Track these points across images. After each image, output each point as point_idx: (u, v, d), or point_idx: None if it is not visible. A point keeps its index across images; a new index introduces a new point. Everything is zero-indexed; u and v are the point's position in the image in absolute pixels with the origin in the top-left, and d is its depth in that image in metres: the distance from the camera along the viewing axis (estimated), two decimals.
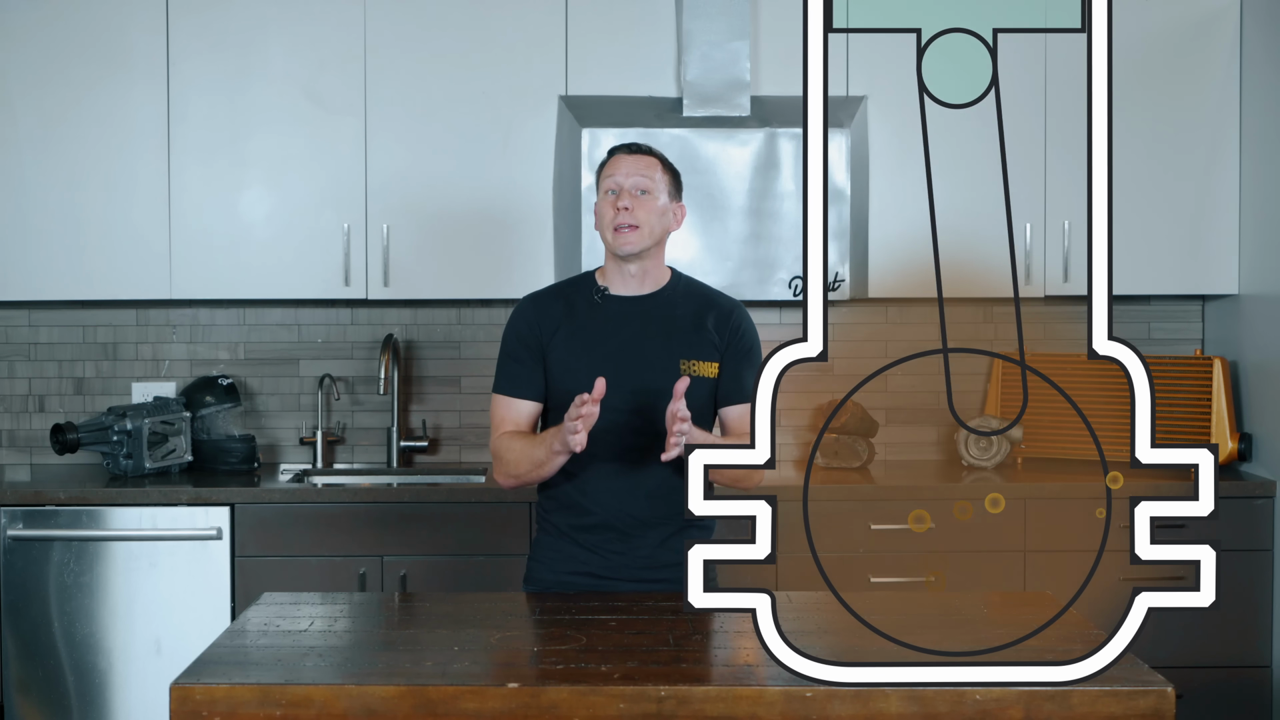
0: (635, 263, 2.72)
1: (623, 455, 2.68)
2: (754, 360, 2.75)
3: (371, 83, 4.11)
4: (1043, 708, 1.98)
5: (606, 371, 2.59)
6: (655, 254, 2.74)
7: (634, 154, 2.72)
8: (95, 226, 4.08)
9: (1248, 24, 4.15)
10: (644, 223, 2.67)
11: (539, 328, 2.74)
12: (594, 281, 2.78)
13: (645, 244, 2.68)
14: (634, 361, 2.69)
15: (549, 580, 2.77)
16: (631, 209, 2.66)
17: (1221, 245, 4.20)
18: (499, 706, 2.00)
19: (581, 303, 2.75)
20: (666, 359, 2.69)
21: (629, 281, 2.74)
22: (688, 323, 2.73)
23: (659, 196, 2.70)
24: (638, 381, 2.67)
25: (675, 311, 2.74)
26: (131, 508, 3.83)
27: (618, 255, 2.71)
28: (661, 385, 2.63)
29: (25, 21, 4.07)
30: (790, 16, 4.19)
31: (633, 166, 2.69)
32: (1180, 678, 2.40)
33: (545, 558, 2.80)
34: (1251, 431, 4.14)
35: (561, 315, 2.74)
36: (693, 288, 2.80)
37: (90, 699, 3.82)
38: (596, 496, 2.72)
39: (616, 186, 2.69)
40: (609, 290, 2.75)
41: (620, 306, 2.74)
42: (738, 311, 2.78)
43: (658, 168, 2.72)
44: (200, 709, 2.01)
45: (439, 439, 4.47)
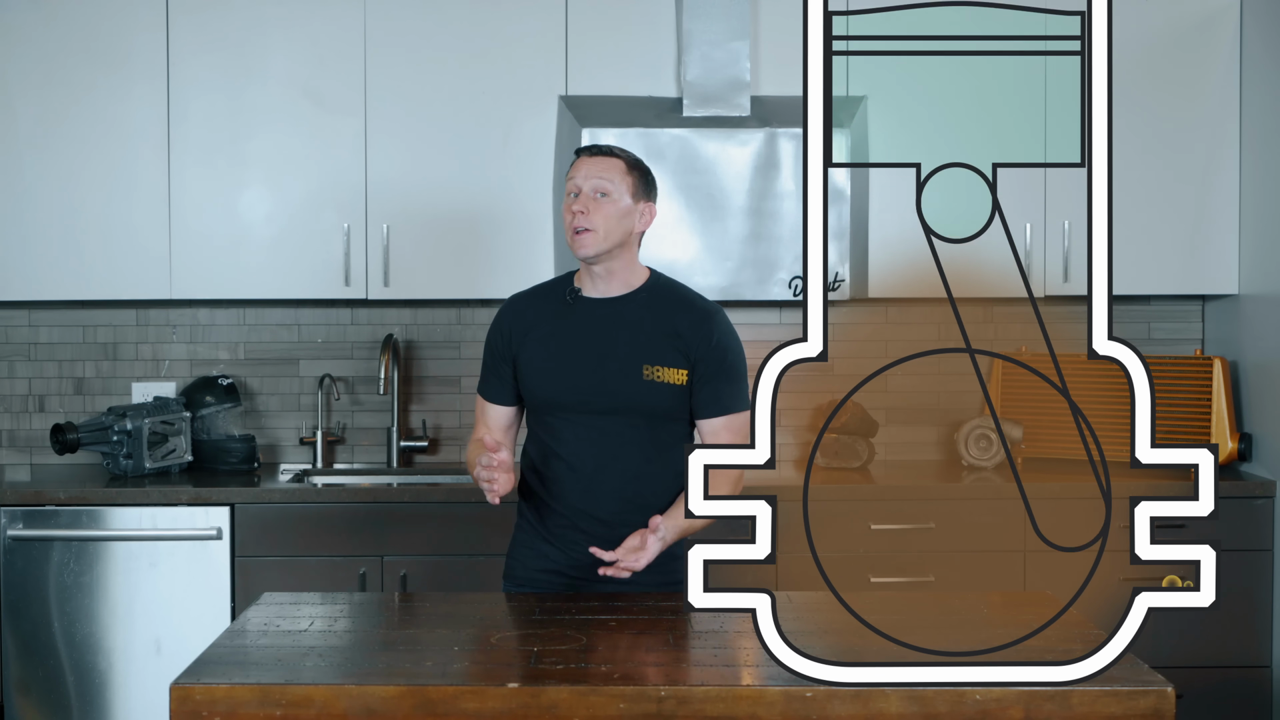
0: (599, 264, 2.71)
1: (586, 456, 2.71)
2: (729, 369, 2.70)
3: (371, 83, 4.11)
4: (1043, 708, 1.98)
5: (573, 373, 2.68)
6: (620, 255, 2.71)
7: (595, 156, 2.71)
8: (95, 226, 4.08)
9: (1248, 24, 4.15)
10: (599, 226, 2.65)
11: (511, 332, 2.78)
12: (571, 283, 2.79)
13: (602, 247, 2.66)
14: (599, 364, 2.69)
15: (521, 576, 2.81)
16: (587, 212, 2.65)
17: (1221, 245, 4.20)
18: (499, 706, 2.00)
19: (556, 304, 2.76)
20: (630, 364, 2.68)
21: (598, 283, 2.74)
22: (656, 327, 2.70)
23: (620, 199, 2.67)
24: (601, 385, 2.68)
25: (644, 315, 2.71)
26: (131, 508, 3.83)
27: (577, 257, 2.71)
28: (625, 390, 2.67)
29: (25, 21, 4.06)
30: (790, 16, 4.17)
31: (592, 169, 2.68)
32: (1180, 678, 2.40)
33: (518, 553, 2.84)
34: (1251, 431, 4.14)
35: (535, 317, 2.76)
36: (670, 291, 2.76)
37: (90, 699, 3.82)
38: (560, 495, 2.74)
39: (576, 189, 2.69)
40: (581, 292, 2.76)
41: (589, 309, 2.73)
42: (714, 318, 2.71)
43: (619, 169, 2.69)
44: (200, 709, 2.01)
45: (439, 439, 4.47)
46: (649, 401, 2.67)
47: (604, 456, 2.69)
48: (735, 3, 4.02)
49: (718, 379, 2.69)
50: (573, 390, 2.69)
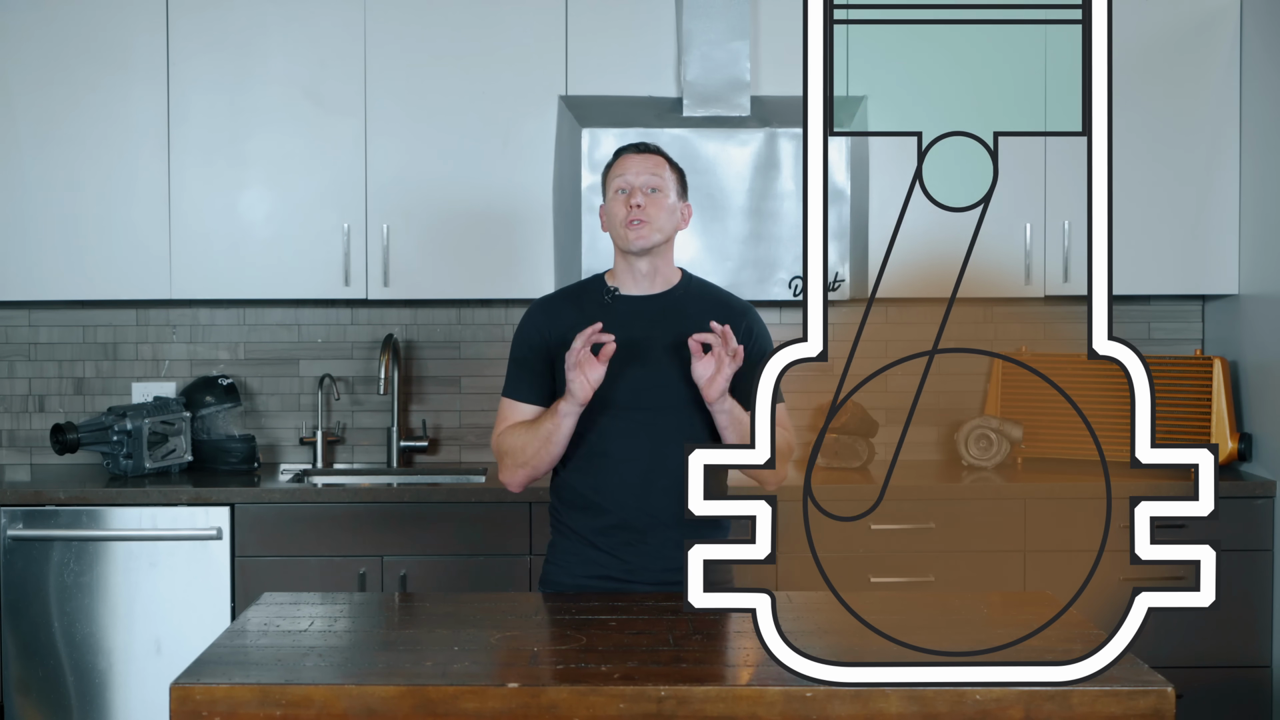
0: (646, 260, 2.73)
1: (637, 454, 2.69)
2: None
3: (371, 83, 4.11)
4: (1043, 708, 1.98)
5: (620, 370, 2.64)
6: (665, 252, 2.75)
7: (642, 153, 2.75)
8: (95, 227, 4.08)
9: (1248, 24, 4.15)
10: (654, 219, 2.69)
11: (547, 331, 2.75)
12: (603, 283, 2.79)
13: (656, 240, 2.70)
14: (645, 360, 2.70)
15: (566, 584, 2.75)
16: (644, 205, 2.68)
17: (1221, 245, 4.20)
18: (499, 706, 2.00)
19: (591, 304, 2.75)
20: (678, 359, 2.69)
21: (640, 281, 2.75)
22: (699, 323, 2.72)
23: (669, 195, 2.72)
24: (649, 380, 2.69)
25: (687, 310, 2.74)
26: (131, 508, 3.83)
27: (629, 251, 2.71)
28: (673, 386, 2.67)
29: (25, 21, 4.07)
30: (790, 16, 4.18)
31: (642, 165, 2.72)
32: (1180, 678, 2.40)
33: (562, 561, 2.78)
34: (1251, 431, 4.14)
35: (572, 317, 2.73)
36: (704, 289, 2.82)
37: (90, 699, 3.82)
38: (611, 495, 2.71)
39: (627, 185, 2.70)
40: (619, 290, 2.76)
41: (631, 306, 2.74)
42: (750, 314, 2.79)
43: (665, 166, 2.74)
44: (200, 709, 2.01)
45: (439, 439, 4.47)
46: (698, 396, 2.67)
47: (655, 454, 2.68)
48: (735, 3, 4.02)
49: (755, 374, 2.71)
50: (625, 387, 2.67)
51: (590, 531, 2.73)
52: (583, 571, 2.74)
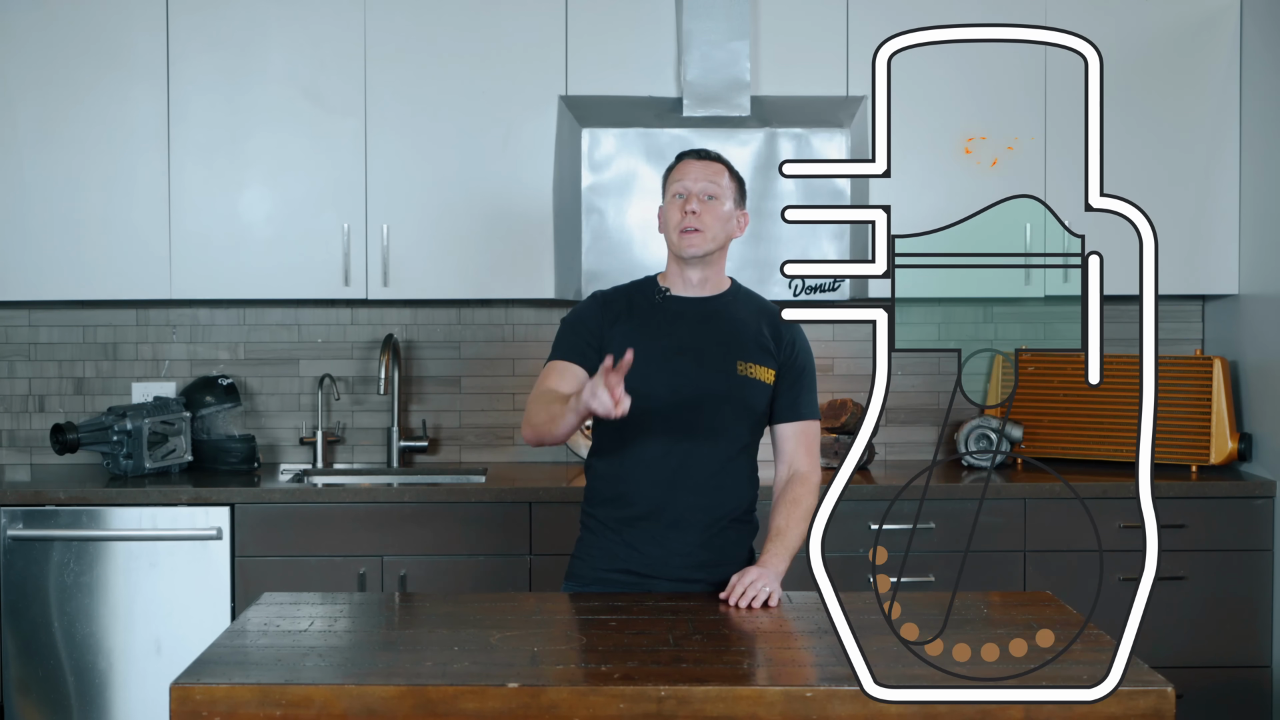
0: (698, 268, 2.76)
1: (672, 449, 2.70)
2: (808, 379, 2.81)
3: (371, 83, 4.11)
4: (1043, 708, 1.98)
5: (664, 365, 2.68)
6: (717, 260, 2.78)
7: (703, 160, 2.77)
8: (95, 227, 4.08)
9: (1248, 24, 4.15)
10: (708, 227, 2.71)
11: (601, 319, 2.78)
12: (656, 284, 2.82)
13: (709, 248, 2.72)
14: (691, 358, 2.72)
15: (589, 576, 2.77)
16: (699, 213, 2.70)
17: (1221, 245, 4.20)
18: (499, 706, 2.00)
19: (643, 302, 2.79)
20: (724, 359, 2.73)
21: (690, 287, 2.79)
22: (747, 327, 2.76)
23: (725, 202, 2.74)
24: (693, 378, 2.71)
25: (736, 314, 2.78)
26: (131, 508, 3.83)
27: (681, 258, 2.75)
28: (716, 385, 2.70)
29: (25, 21, 4.07)
30: (790, 16, 4.19)
31: (701, 172, 2.74)
32: (1180, 678, 2.40)
33: (586, 554, 2.81)
34: (1251, 431, 4.14)
35: (624, 309, 2.78)
36: (753, 297, 2.86)
37: (90, 699, 3.82)
38: (640, 487, 2.72)
39: (685, 190, 2.73)
40: (670, 291, 2.79)
41: (681, 305, 2.78)
42: (795, 327, 2.82)
43: (724, 174, 2.76)
44: (200, 709, 2.01)
45: (439, 439, 4.47)
46: (742, 395, 2.71)
47: (688, 451, 2.70)
48: (735, 3, 4.02)
49: (798, 386, 2.79)
50: (667, 382, 2.69)
51: (615, 522, 2.75)
52: (605, 564, 2.76)
